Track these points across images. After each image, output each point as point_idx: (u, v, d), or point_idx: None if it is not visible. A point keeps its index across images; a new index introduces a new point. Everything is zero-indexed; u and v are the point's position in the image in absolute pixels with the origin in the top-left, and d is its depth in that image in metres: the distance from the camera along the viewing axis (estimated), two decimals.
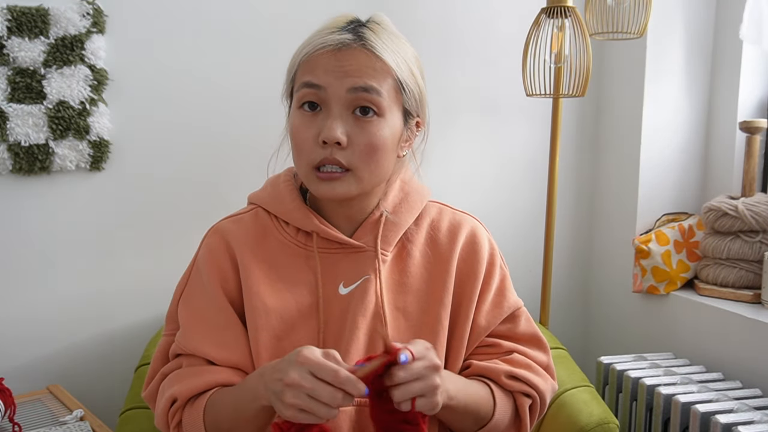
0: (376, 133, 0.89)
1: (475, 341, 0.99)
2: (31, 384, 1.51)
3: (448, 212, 1.04)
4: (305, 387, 0.74)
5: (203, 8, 1.55)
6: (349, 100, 0.87)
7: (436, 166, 1.77)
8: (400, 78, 0.90)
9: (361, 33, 0.89)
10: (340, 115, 0.88)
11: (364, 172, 0.90)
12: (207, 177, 1.60)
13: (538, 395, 0.98)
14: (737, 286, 1.59)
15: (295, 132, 0.90)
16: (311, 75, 0.88)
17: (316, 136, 0.88)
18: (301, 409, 0.75)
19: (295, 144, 0.91)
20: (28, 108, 1.43)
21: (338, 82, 0.87)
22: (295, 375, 0.75)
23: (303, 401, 0.74)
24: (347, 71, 0.87)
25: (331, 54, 0.88)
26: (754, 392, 1.42)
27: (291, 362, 0.77)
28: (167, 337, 1.00)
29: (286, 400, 0.75)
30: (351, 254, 0.96)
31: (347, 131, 0.88)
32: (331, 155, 0.88)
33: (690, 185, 1.82)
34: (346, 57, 0.87)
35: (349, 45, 0.88)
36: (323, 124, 0.88)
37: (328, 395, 0.74)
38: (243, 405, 0.85)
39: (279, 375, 0.77)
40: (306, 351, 0.77)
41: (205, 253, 0.98)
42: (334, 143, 0.87)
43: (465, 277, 0.99)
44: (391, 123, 0.90)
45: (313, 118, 0.89)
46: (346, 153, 0.88)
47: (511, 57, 1.77)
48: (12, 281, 1.49)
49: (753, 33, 1.54)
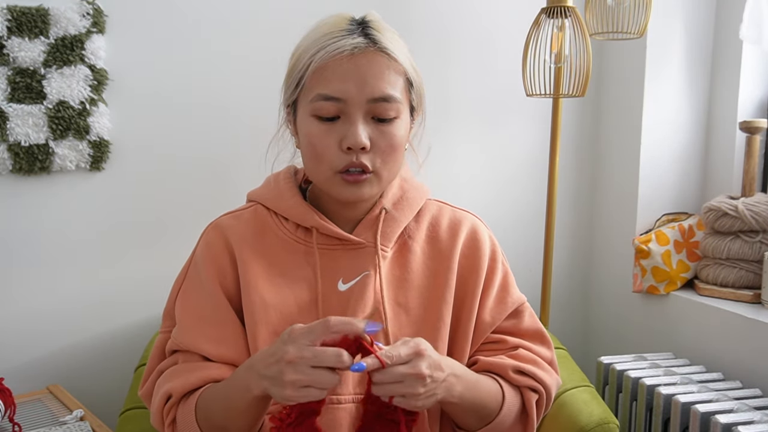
0: (395, 134, 0.90)
1: (481, 337, 0.99)
2: (31, 384, 1.51)
3: (447, 210, 1.04)
4: (306, 357, 0.74)
5: (203, 8, 1.55)
6: (369, 108, 0.88)
7: (436, 165, 1.77)
8: (410, 75, 0.92)
9: (372, 35, 0.89)
10: (362, 121, 0.88)
11: (384, 172, 0.91)
12: (207, 177, 1.60)
13: (545, 390, 0.98)
14: (737, 286, 1.59)
15: (315, 140, 0.90)
16: (328, 87, 0.87)
17: (338, 142, 0.88)
18: (303, 385, 0.75)
19: (314, 152, 0.90)
20: (28, 108, 1.43)
21: (358, 90, 0.87)
22: (293, 350, 0.75)
23: (306, 374, 0.74)
24: (366, 78, 0.87)
25: (345, 59, 0.87)
26: (754, 392, 1.42)
27: (284, 341, 0.77)
28: (164, 334, 1.00)
29: (288, 378, 0.75)
30: (351, 250, 0.96)
31: (369, 135, 0.89)
32: (357, 159, 0.88)
33: (690, 185, 1.82)
34: (362, 62, 0.87)
35: (364, 49, 0.87)
36: (346, 131, 0.88)
37: (332, 356, 0.74)
38: (234, 399, 0.85)
39: (274, 357, 0.77)
40: (293, 327, 0.78)
41: (204, 248, 0.98)
42: (359, 149, 0.88)
43: (467, 273, 0.99)
44: (404, 121, 0.92)
45: (332, 125, 0.89)
46: (369, 156, 0.89)
47: (511, 57, 1.77)
48: (12, 281, 1.49)
49: (753, 33, 1.54)
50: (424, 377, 0.79)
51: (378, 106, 0.88)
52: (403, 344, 0.80)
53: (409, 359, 0.79)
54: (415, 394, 0.79)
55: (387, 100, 0.88)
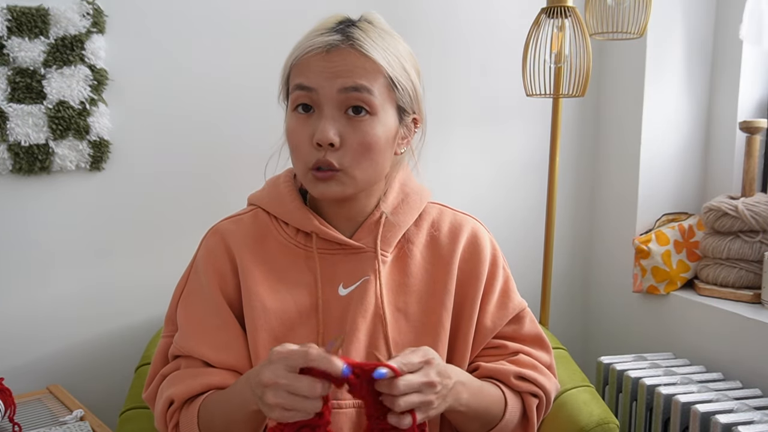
0: (368, 132, 0.89)
1: (481, 343, 0.99)
2: (31, 384, 1.51)
3: (448, 213, 1.03)
4: (281, 384, 0.73)
5: (203, 8, 1.55)
6: (340, 100, 0.88)
7: (436, 166, 1.77)
8: (392, 75, 0.90)
9: (350, 33, 0.89)
10: (332, 116, 0.88)
11: (357, 171, 0.90)
12: (207, 177, 1.60)
13: (545, 395, 0.98)
14: (737, 286, 1.59)
15: (291, 134, 0.91)
16: (303, 77, 0.89)
17: (310, 137, 0.89)
18: (284, 407, 0.73)
19: (291, 146, 0.92)
20: (28, 108, 1.43)
21: (329, 83, 0.87)
22: (269, 374, 0.73)
23: (284, 399, 0.73)
24: (337, 72, 0.87)
25: (320, 56, 0.88)
26: (754, 392, 1.42)
27: (264, 363, 0.76)
28: (166, 338, 1.00)
29: (268, 401, 0.73)
30: (351, 255, 0.96)
31: (340, 131, 0.88)
32: (324, 157, 0.88)
33: (690, 185, 1.82)
34: (335, 58, 0.88)
35: (338, 46, 0.88)
36: (316, 126, 0.88)
37: (307, 386, 0.72)
38: (234, 410, 0.85)
39: (257, 378, 0.76)
40: (278, 348, 0.76)
41: (204, 254, 0.98)
42: (327, 145, 0.87)
43: (467, 278, 0.99)
44: (384, 121, 0.90)
45: (307, 119, 0.90)
46: (338, 154, 0.88)
47: (511, 57, 1.77)
48: (12, 281, 1.49)
49: (753, 33, 1.54)
50: (435, 385, 0.78)
51: (349, 96, 0.87)
52: (412, 353, 0.79)
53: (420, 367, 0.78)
54: (429, 403, 0.78)
55: (357, 90, 0.87)
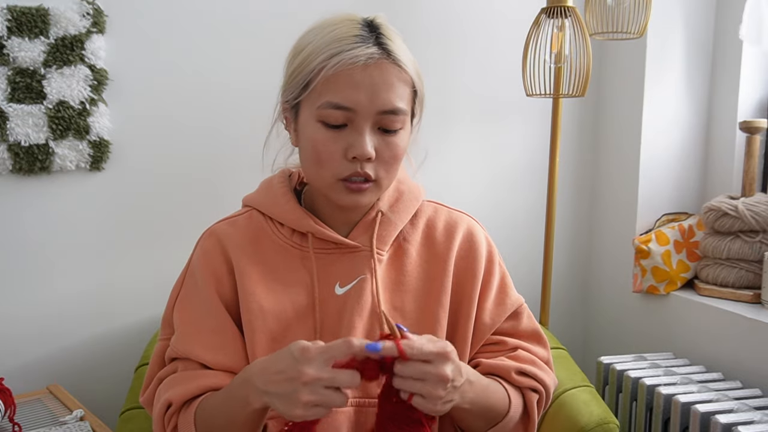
0: (399, 145, 0.90)
1: (481, 340, 0.99)
2: (31, 384, 1.51)
3: (443, 211, 1.04)
4: (324, 378, 0.73)
5: (203, 8, 1.56)
6: (377, 119, 0.88)
7: (435, 165, 1.77)
8: (416, 84, 0.92)
9: (384, 44, 0.88)
10: (369, 132, 0.88)
11: (386, 181, 0.92)
12: (207, 177, 1.60)
13: (545, 389, 0.98)
14: (737, 286, 1.59)
15: (320, 147, 0.89)
16: (338, 96, 0.86)
17: (343, 150, 0.88)
18: (314, 404, 0.73)
19: (318, 158, 0.90)
20: (28, 108, 1.43)
21: (368, 101, 0.86)
22: (311, 371, 0.73)
23: (320, 395, 0.73)
24: (377, 90, 0.86)
25: (359, 70, 0.86)
26: (754, 392, 1.42)
27: (297, 360, 0.74)
28: (163, 341, 0.99)
29: (303, 398, 0.73)
30: (347, 254, 0.96)
31: (375, 145, 0.89)
32: (361, 169, 0.88)
33: (690, 185, 1.82)
34: (375, 73, 0.87)
35: (377, 59, 0.87)
36: (353, 141, 0.87)
37: (349, 378, 0.74)
38: (233, 411, 0.85)
39: (284, 375, 0.75)
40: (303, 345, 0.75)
41: (200, 256, 0.98)
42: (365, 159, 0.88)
43: (464, 275, 0.99)
44: (407, 131, 0.93)
45: (338, 133, 0.88)
46: (373, 165, 0.89)
47: (511, 57, 1.77)
48: (12, 281, 1.49)
49: (753, 33, 1.54)
50: (448, 380, 0.78)
51: (386, 118, 0.88)
52: (430, 341, 0.78)
53: (434, 359, 0.77)
54: (436, 397, 0.77)
55: (395, 113, 0.88)
